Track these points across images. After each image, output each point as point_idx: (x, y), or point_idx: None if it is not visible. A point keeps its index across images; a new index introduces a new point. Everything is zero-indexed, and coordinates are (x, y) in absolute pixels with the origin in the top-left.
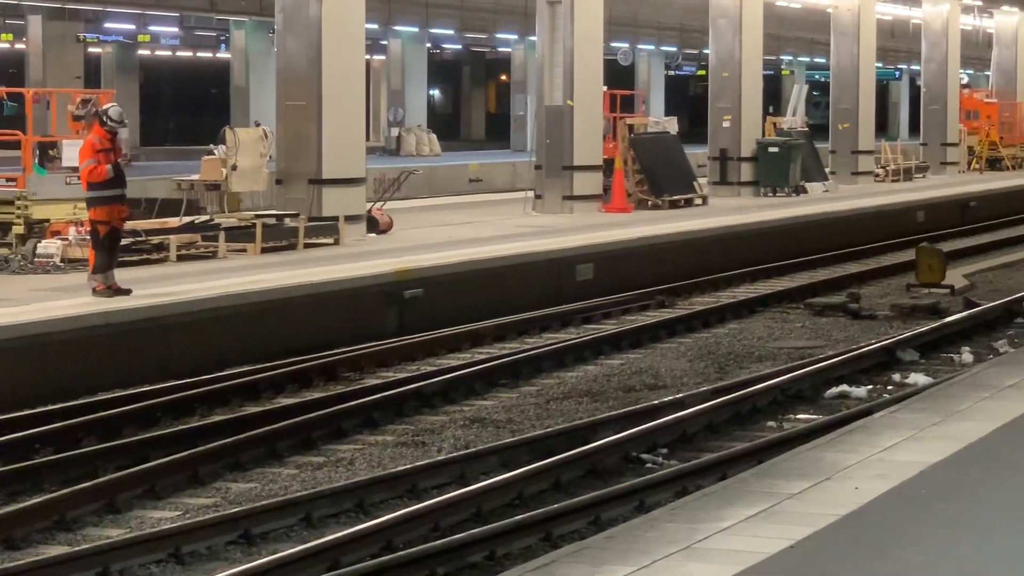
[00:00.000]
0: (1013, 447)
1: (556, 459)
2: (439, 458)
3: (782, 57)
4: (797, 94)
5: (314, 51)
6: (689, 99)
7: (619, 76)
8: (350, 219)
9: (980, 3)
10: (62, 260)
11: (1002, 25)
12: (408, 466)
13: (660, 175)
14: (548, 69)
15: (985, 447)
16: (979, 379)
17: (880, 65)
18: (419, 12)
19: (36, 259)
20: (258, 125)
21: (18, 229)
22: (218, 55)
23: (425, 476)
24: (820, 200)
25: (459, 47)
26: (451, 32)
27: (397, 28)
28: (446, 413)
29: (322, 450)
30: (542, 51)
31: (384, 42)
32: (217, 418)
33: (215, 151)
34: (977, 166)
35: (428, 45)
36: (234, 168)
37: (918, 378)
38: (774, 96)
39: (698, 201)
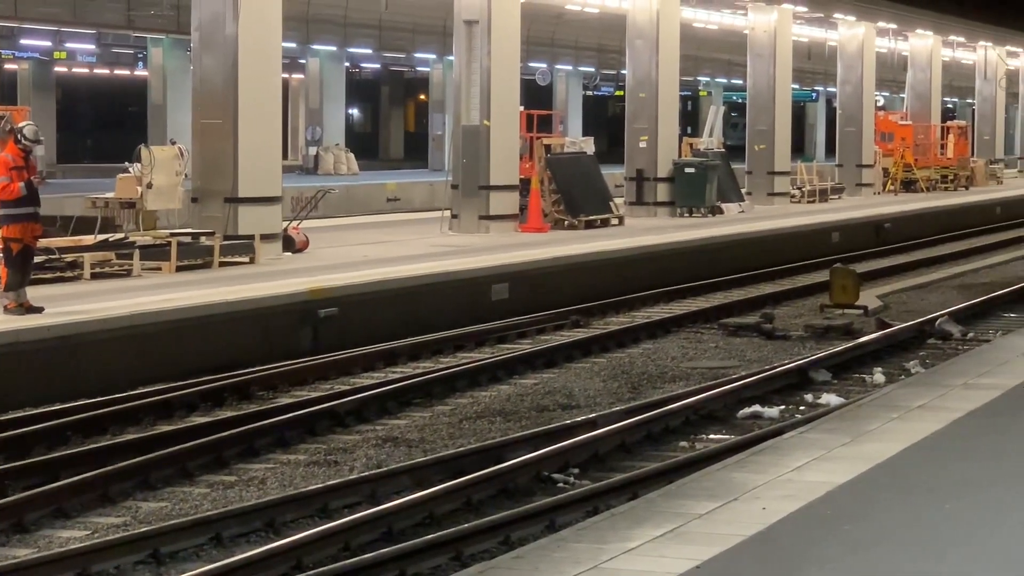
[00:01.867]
0: (920, 467)
1: (468, 478)
2: (351, 477)
3: (699, 78)
4: (714, 115)
5: (230, 69)
6: (607, 119)
7: (537, 96)
8: (266, 238)
9: (895, 26)
10: None
11: (916, 48)
12: (320, 485)
13: (576, 195)
14: (465, 89)
15: (892, 467)
16: (889, 400)
17: (797, 87)
18: (337, 31)
19: None
20: (174, 143)
21: None
22: (136, 72)
23: (336, 495)
24: (736, 221)
25: (378, 66)
26: (370, 51)
27: (315, 47)
28: (359, 432)
29: (234, 469)
30: (459, 71)
31: (302, 61)
32: (128, 437)
33: (130, 169)
34: (892, 188)
35: (347, 64)
36: (149, 186)
37: (830, 398)
38: (691, 117)
39: (614, 221)
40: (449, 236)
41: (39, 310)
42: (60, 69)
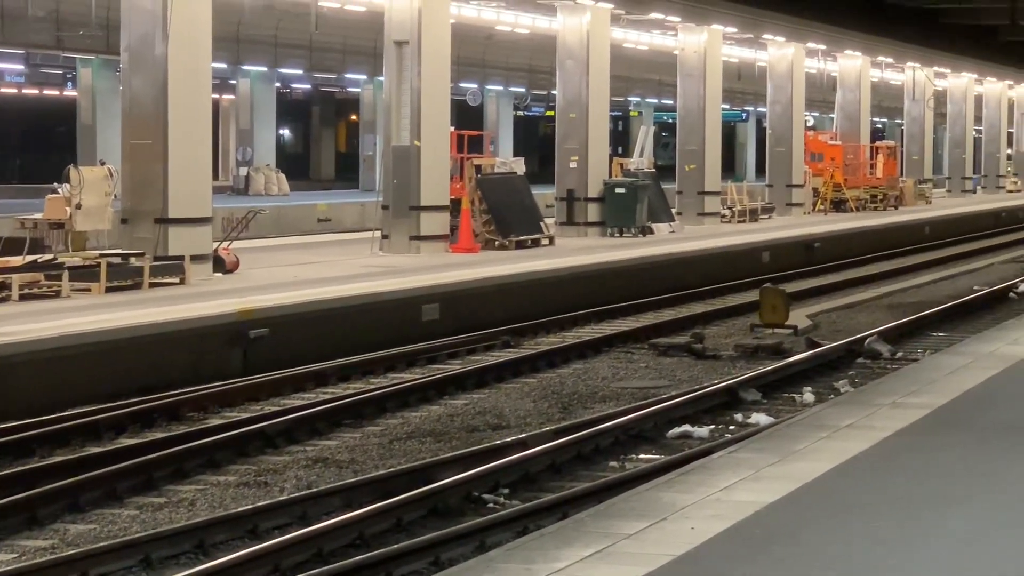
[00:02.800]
0: (848, 487)
1: (398, 499)
2: (281, 498)
3: (630, 98)
4: (644, 135)
5: (160, 90)
6: (539, 139)
7: (467, 116)
8: (196, 258)
9: (824, 47)
10: None
11: (846, 68)
12: (250, 506)
13: (507, 215)
14: (395, 109)
15: (821, 487)
16: (818, 419)
17: (727, 107)
18: (268, 52)
19: None
20: (103, 164)
21: None
22: (65, 93)
23: (266, 516)
24: (666, 241)
25: (309, 87)
26: (300, 72)
27: (246, 67)
28: (289, 453)
29: (163, 491)
30: (389, 91)
31: (233, 81)
32: (57, 459)
33: (59, 190)
34: (822, 207)
35: (277, 84)
36: (78, 207)
37: (760, 418)
38: (622, 137)
39: (545, 241)
40: (380, 256)
41: None
42: None
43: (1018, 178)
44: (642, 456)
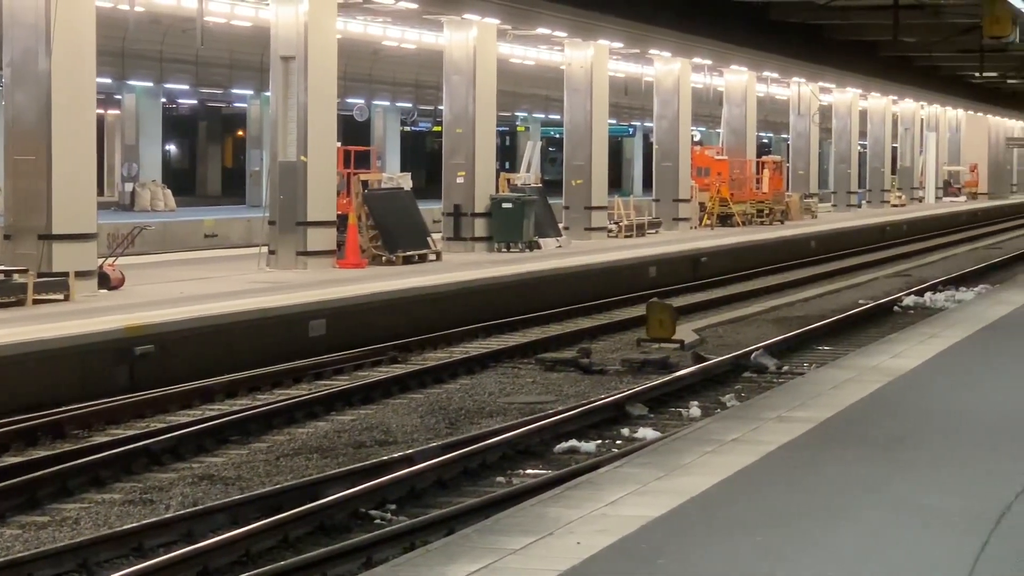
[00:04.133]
0: (733, 501)
1: (284, 516)
2: (166, 516)
3: (517, 113)
4: (531, 150)
5: (43, 105)
6: (426, 155)
7: (355, 132)
8: (81, 275)
9: (710, 62)
10: None
11: (732, 84)
12: (135, 524)
13: (394, 231)
14: (282, 125)
15: (706, 501)
16: (704, 433)
17: (614, 122)
18: (154, 67)
19: None
20: None
21: None
22: None
23: (152, 534)
24: (553, 256)
25: (195, 102)
26: (186, 87)
27: (131, 82)
28: (175, 470)
29: (47, 509)
30: (276, 106)
31: (118, 96)
32: None
33: None
34: (708, 222)
35: (163, 100)
36: None
37: (646, 432)
38: (509, 152)
39: (432, 257)
40: (267, 272)
41: None
42: None
43: (902, 193)
44: (529, 471)
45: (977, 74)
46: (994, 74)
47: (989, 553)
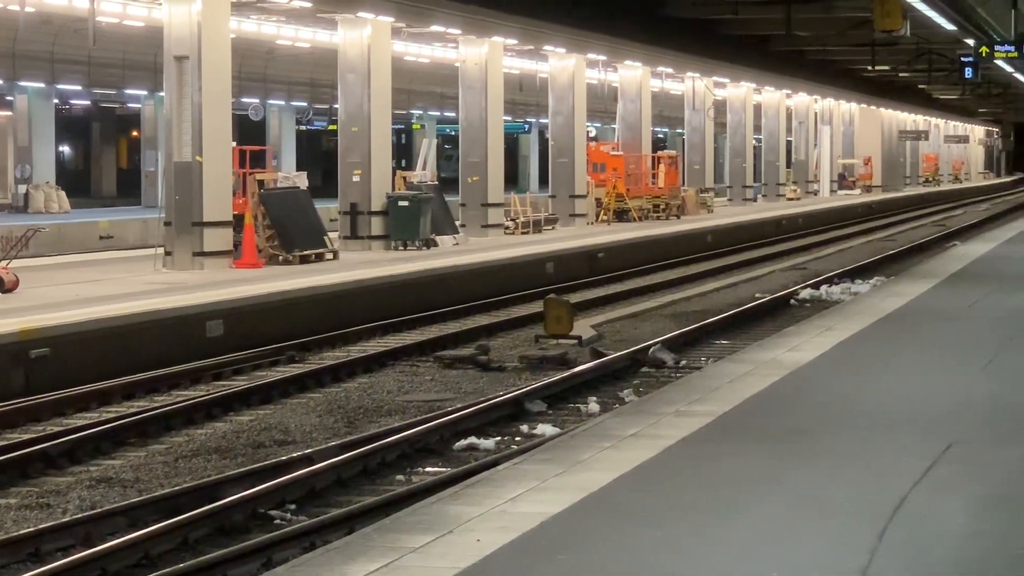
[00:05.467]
0: (632, 496)
1: (184, 517)
2: (64, 519)
3: (413, 111)
4: (427, 148)
5: None
6: (322, 153)
7: (250, 131)
8: None
9: (605, 58)
10: None
11: (626, 79)
12: (31, 529)
13: (291, 230)
14: (176, 125)
15: (605, 496)
16: (603, 429)
17: (509, 118)
18: (45, 68)
19: None
20: None
21: None
22: None
23: (49, 539)
24: (450, 253)
25: (88, 103)
26: (79, 88)
27: (23, 83)
28: (72, 474)
29: None
30: (170, 107)
31: (10, 98)
32: None
33: None
34: (605, 218)
35: (56, 101)
36: None
37: (545, 429)
38: (405, 150)
39: (329, 256)
40: (163, 273)
41: None
42: None
43: (797, 186)
44: (428, 469)
45: (870, 67)
46: (887, 67)
47: (886, 544)
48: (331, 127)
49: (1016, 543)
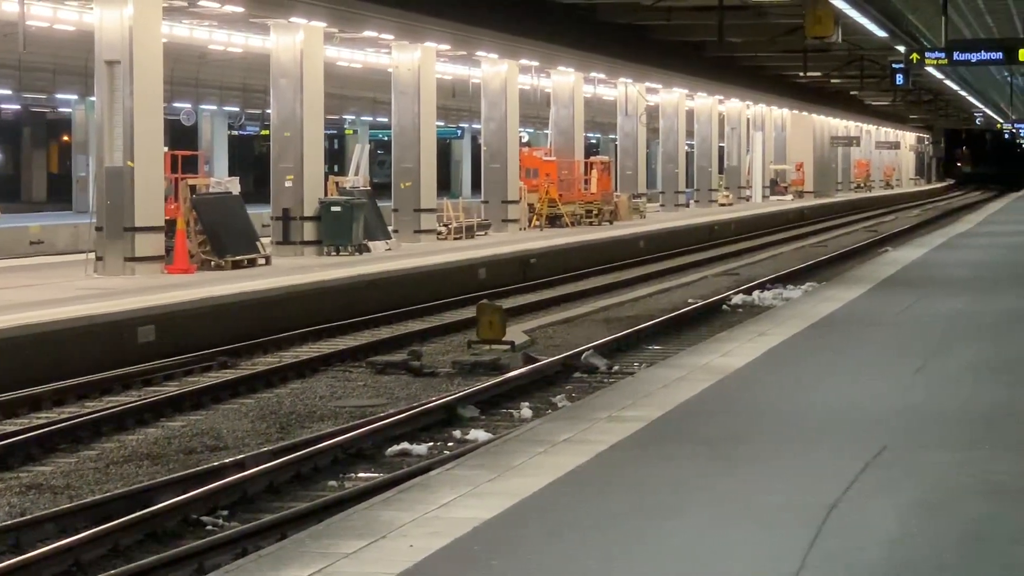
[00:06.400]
0: (565, 501)
1: (115, 524)
2: None
3: (345, 116)
4: (359, 153)
5: None
6: (254, 159)
7: (182, 136)
8: None
9: (537, 63)
10: None
11: (559, 84)
12: None
13: (222, 235)
14: (108, 130)
15: (538, 502)
16: (535, 434)
17: (442, 124)
18: None
19: None
20: None
21: None
22: None
23: None
24: (383, 259)
25: (18, 107)
26: (9, 92)
27: None
28: (2, 480)
29: None
30: (101, 112)
31: None
32: None
33: None
34: (538, 223)
35: None
36: None
37: (478, 434)
38: (338, 155)
39: (261, 261)
40: (94, 279)
41: None
42: None
43: (730, 192)
44: (361, 475)
45: (801, 74)
46: (818, 74)
47: (818, 548)
48: (263, 132)
49: (945, 547)
